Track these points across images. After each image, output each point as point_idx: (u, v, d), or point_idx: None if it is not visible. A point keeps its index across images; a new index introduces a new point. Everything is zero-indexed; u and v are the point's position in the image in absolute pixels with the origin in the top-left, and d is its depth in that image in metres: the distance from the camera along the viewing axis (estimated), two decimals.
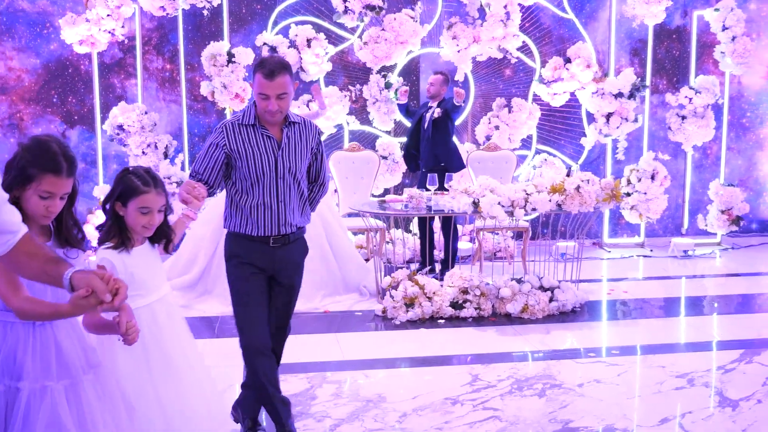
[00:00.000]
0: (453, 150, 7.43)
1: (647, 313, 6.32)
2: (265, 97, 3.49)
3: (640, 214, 8.56)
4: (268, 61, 3.50)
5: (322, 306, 6.38)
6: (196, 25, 8.28)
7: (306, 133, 3.68)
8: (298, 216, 3.70)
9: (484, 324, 5.91)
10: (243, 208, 3.62)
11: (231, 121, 3.63)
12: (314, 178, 3.83)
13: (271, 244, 3.65)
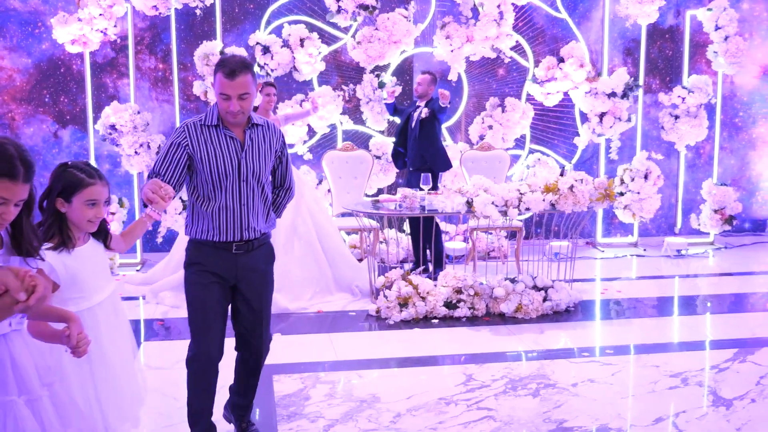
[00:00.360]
0: (439, 150, 7.43)
1: (641, 312, 6.33)
2: (227, 98, 3.37)
3: (633, 214, 8.56)
4: (229, 61, 3.38)
5: (311, 305, 6.38)
6: (189, 24, 8.26)
7: (270, 136, 3.58)
8: (262, 221, 3.58)
9: (477, 324, 5.90)
10: (205, 213, 3.49)
11: (193, 122, 3.49)
12: (279, 182, 3.73)
13: (234, 250, 3.52)
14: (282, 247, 6.45)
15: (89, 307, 2.95)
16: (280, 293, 6.27)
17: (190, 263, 3.56)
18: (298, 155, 8.32)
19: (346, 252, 6.84)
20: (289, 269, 6.42)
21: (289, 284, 6.37)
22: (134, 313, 6.25)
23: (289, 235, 6.52)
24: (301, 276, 6.45)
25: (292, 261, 6.45)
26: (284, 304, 6.23)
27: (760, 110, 9.45)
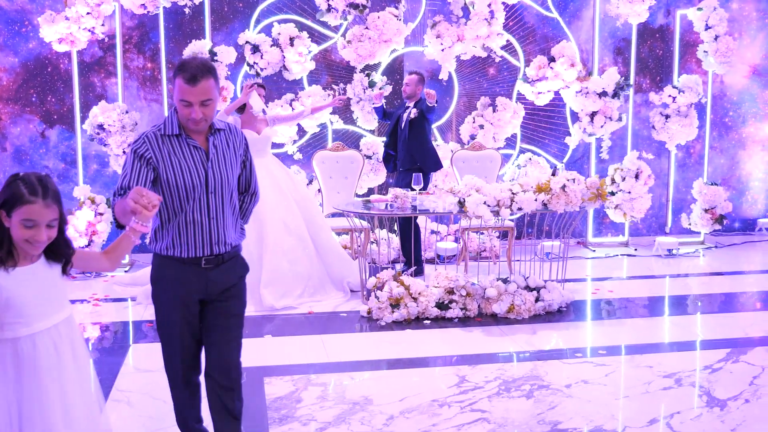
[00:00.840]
0: (429, 150, 7.39)
1: (633, 312, 6.31)
2: (187, 104, 3.11)
3: (624, 213, 8.55)
4: (190, 64, 3.12)
5: (300, 303, 6.36)
6: (178, 23, 8.19)
7: (233, 140, 3.34)
8: (232, 233, 3.36)
9: (470, 324, 5.87)
10: (171, 228, 3.24)
11: (152, 132, 3.22)
12: (244, 188, 3.49)
13: (203, 265, 3.28)
14: (272, 242, 6.41)
15: (29, 335, 2.66)
16: (267, 289, 6.25)
17: (157, 278, 3.35)
18: (288, 155, 8.27)
19: (337, 247, 6.81)
20: (279, 264, 6.39)
21: (278, 279, 6.34)
22: (123, 315, 6.18)
23: (280, 231, 6.48)
24: (291, 271, 6.42)
25: (281, 256, 6.41)
26: (270, 301, 6.20)
27: (750, 110, 9.46)
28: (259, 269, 6.35)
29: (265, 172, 6.71)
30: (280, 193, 6.64)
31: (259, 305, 6.23)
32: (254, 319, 6.01)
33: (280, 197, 6.62)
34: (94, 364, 5.02)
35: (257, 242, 6.44)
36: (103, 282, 7.26)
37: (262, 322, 5.97)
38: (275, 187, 6.65)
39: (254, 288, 6.31)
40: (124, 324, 5.96)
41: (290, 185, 6.79)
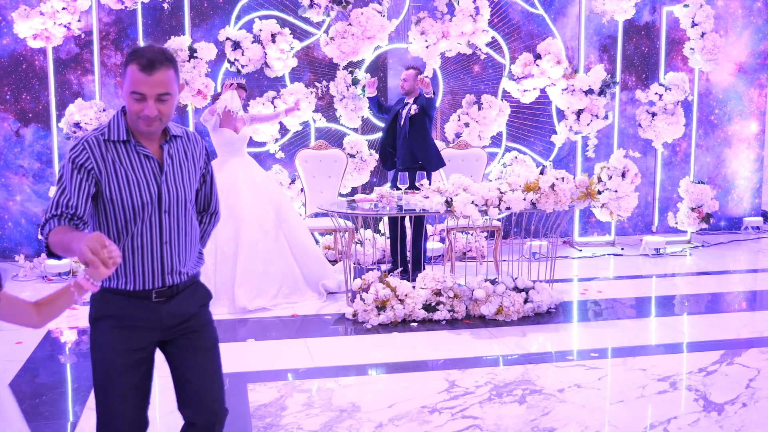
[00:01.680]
0: (431, 147, 7.13)
1: (623, 313, 6.20)
2: (140, 98, 2.55)
3: (611, 212, 8.45)
4: (145, 51, 2.57)
5: (275, 304, 6.21)
6: (156, 19, 8.00)
7: (192, 150, 2.78)
8: (189, 260, 2.77)
9: (458, 327, 5.73)
10: None
11: (94, 137, 2.63)
12: (203, 206, 2.93)
13: (154, 298, 2.68)
14: (247, 242, 6.26)
15: None
16: (242, 288, 6.09)
17: (97, 317, 2.69)
18: (270, 153, 8.10)
19: (313, 248, 6.65)
20: (254, 264, 6.24)
21: (252, 279, 6.19)
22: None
23: (255, 230, 6.33)
24: (265, 272, 6.27)
25: (256, 256, 6.26)
26: (243, 302, 6.05)
27: (736, 108, 9.41)
28: (233, 269, 6.21)
29: (242, 171, 6.56)
30: (256, 193, 6.48)
31: (232, 307, 6.08)
32: (231, 323, 5.85)
33: (256, 197, 6.46)
34: (71, 369, 4.85)
35: (233, 241, 6.30)
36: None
37: (242, 325, 5.81)
38: (252, 186, 6.50)
39: (228, 287, 6.16)
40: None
41: (266, 185, 6.63)
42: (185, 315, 2.76)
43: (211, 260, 6.24)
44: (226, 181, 6.45)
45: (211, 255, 6.25)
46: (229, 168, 6.57)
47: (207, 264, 6.21)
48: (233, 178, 6.51)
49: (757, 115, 9.46)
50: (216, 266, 6.24)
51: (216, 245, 6.28)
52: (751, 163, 9.53)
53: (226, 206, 6.37)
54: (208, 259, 6.22)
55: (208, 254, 6.23)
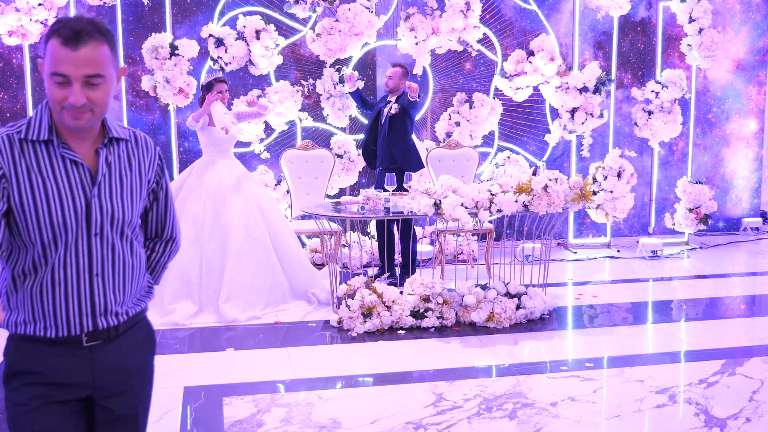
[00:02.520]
0: (410, 149, 6.92)
1: (619, 319, 5.97)
2: (63, 81, 2.00)
3: (606, 214, 8.22)
4: (71, 20, 2.01)
5: (265, 314, 5.93)
6: (138, 15, 7.75)
7: (140, 158, 2.22)
8: (128, 297, 2.21)
9: (447, 334, 5.50)
10: (30, 290, 2.09)
11: (7, 134, 2.08)
12: (155, 231, 2.36)
13: (85, 343, 2.12)
14: (235, 252, 5.99)
15: None
16: (229, 303, 5.82)
17: (11, 373, 2.13)
18: (254, 154, 7.86)
19: (302, 257, 6.40)
20: (241, 277, 5.96)
21: (240, 293, 5.91)
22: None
23: (243, 240, 6.06)
24: (253, 284, 5.99)
25: (244, 267, 5.99)
26: (233, 314, 5.78)
27: (734, 106, 9.18)
28: (219, 282, 5.94)
29: (229, 174, 6.30)
30: (244, 198, 6.23)
31: (219, 317, 5.81)
32: (213, 330, 5.60)
33: (244, 202, 6.21)
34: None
35: (220, 251, 6.02)
36: None
37: (224, 332, 5.56)
38: (239, 190, 6.25)
39: (214, 300, 5.90)
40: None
41: (254, 189, 6.37)
42: (125, 369, 2.20)
43: (196, 271, 5.96)
44: (212, 185, 6.19)
45: (196, 264, 5.97)
46: (216, 170, 6.30)
47: (192, 274, 5.94)
48: (220, 182, 6.24)
49: (756, 113, 9.23)
50: (201, 278, 5.97)
51: (201, 254, 6.01)
52: (750, 163, 9.31)
53: (213, 212, 6.11)
54: (193, 271, 5.95)
55: (193, 263, 5.95)
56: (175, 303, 5.85)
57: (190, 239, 6.02)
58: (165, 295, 5.88)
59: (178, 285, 5.91)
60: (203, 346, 5.27)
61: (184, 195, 6.23)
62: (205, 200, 6.15)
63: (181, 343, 5.32)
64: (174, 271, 5.94)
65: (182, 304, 5.85)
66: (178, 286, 5.91)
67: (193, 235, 6.05)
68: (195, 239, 6.05)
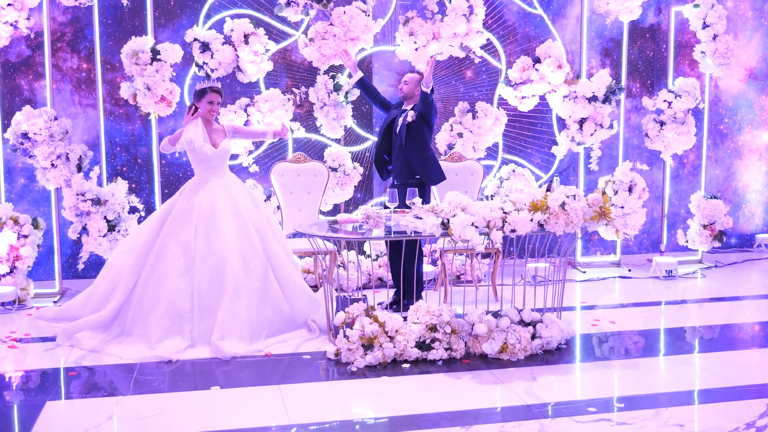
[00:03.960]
0: (430, 159, 6.31)
1: (643, 349, 5.45)
2: None
3: (616, 230, 7.72)
4: None
5: (265, 347, 5.36)
6: (118, 18, 7.22)
7: None
8: None
9: (456, 368, 4.97)
10: None
11: None
12: None
13: None
14: (230, 283, 5.42)
15: None
16: (224, 341, 5.25)
17: None
18: (242, 167, 7.32)
19: (302, 282, 5.85)
20: (238, 311, 5.37)
21: (235, 329, 5.32)
22: (42, 361, 5.17)
23: (239, 268, 5.49)
24: (250, 319, 5.41)
25: (240, 300, 5.42)
26: (232, 349, 5.20)
27: (746, 116, 8.75)
28: (213, 318, 5.37)
29: (223, 195, 5.73)
30: (239, 222, 5.65)
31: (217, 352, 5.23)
32: (199, 365, 5.05)
33: (239, 227, 5.63)
34: None
35: (212, 283, 5.44)
36: (26, 316, 6.25)
37: (209, 367, 5.01)
38: (234, 213, 5.68)
39: (207, 339, 5.32)
40: (41, 373, 4.96)
41: (252, 211, 5.79)
42: None
43: (186, 306, 5.38)
44: (205, 209, 5.63)
45: (186, 299, 5.40)
46: (208, 192, 5.72)
47: (182, 309, 5.36)
48: (213, 204, 5.66)
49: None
50: (193, 313, 5.39)
51: (192, 287, 5.43)
52: (763, 176, 8.87)
53: (205, 238, 5.55)
54: (183, 305, 5.37)
55: (183, 298, 5.39)
56: (164, 341, 5.27)
57: (180, 269, 5.45)
58: (152, 332, 5.31)
59: (167, 321, 5.32)
60: (186, 384, 4.72)
61: (173, 220, 5.65)
62: (196, 225, 5.58)
63: (160, 380, 4.77)
64: (162, 306, 5.36)
65: (173, 340, 5.28)
66: (167, 322, 5.32)
67: (183, 265, 5.48)
68: (185, 269, 5.48)
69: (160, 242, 5.62)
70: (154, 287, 5.49)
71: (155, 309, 5.41)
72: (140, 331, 5.41)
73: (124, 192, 6.91)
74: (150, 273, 5.56)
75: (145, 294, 5.52)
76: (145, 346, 5.26)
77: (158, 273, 5.52)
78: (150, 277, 5.55)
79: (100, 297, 5.69)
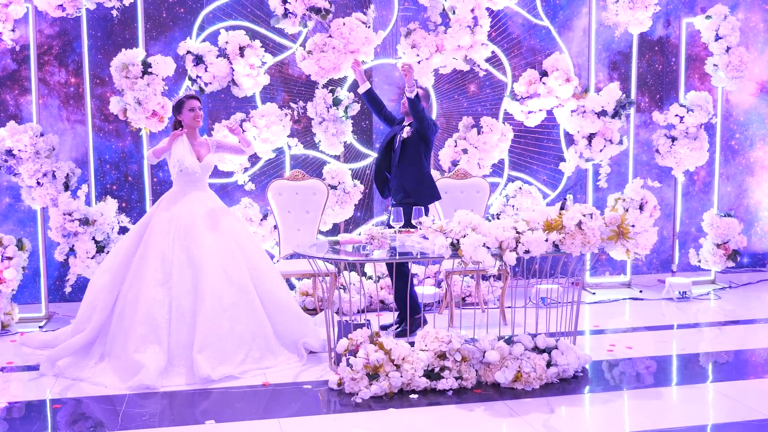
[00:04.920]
0: (423, 178, 6.06)
1: (665, 378, 5.13)
2: None
3: (627, 250, 7.40)
4: None
5: (244, 370, 5.05)
6: (107, 31, 6.94)
7: None
8: None
9: (467, 398, 4.64)
10: None
11: None
12: None
13: None
14: (210, 295, 5.12)
15: None
16: (203, 354, 4.95)
17: None
18: (238, 185, 7.01)
19: (290, 300, 5.54)
20: (217, 323, 5.08)
21: (215, 342, 5.03)
22: (24, 392, 4.82)
23: (220, 281, 5.20)
24: (231, 332, 5.11)
25: (221, 313, 5.12)
26: (206, 371, 4.88)
27: (758, 131, 8.48)
28: (192, 329, 5.07)
29: (202, 207, 5.45)
30: (219, 234, 5.37)
31: (191, 376, 4.93)
32: (188, 396, 4.72)
33: (219, 238, 5.35)
34: None
35: (191, 294, 5.16)
36: (10, 342, 5.91)
37: (200, 399, 4.68)
38: (214, 225, 5.40)
39: (186, 351, 5.02)
40: (25, 405, 4.61)
41: (231, 224, 5.52)
42: None
43: (164, 316, 5.10)
44: (183, 219, 5.36)
45: (164, 309, 5.11)
46: (187, 203, 5.46)
47: (159, 321, 5.07)
48: (192, 215, 5.40)
49: None
50: (170, 324, 5.09)
51: (170, 297, 5.14)
52: None
53: (183, 248, 5.27)
54: (160, 315, 5.08)
55: (160, 308, 5.09)
56: (142, 350, 4.97)
57: (157, 280, 5.17)
58: (130, 342, 5.02)
59: (144, 330, 5.05)
60: (178, 418, 4.38)
61: (151, 230, 5.37)
62: (174, 235, 5.30)
63: (151, 413, 4.43)
64: (140, 315, 5.08)
65: (150, 349, 4.97)
66: (144, 331, 5.04)
67: (161, 276, 5.19)
68: (163, 279, 5.19)
69: (138, 257, 5.35)
70: (133, 300, 5.22)
71: (133, 321, 5.12)
72: (119, 348, 5.10)
73: (114, 211, 6.60)
74: (129, 288, 5.30)
75: (125, 309, 5.24)
76: (126, 371, 4.93)
77: (136, 286, 5.25)
78: (129, 292, 5.28)
79: (79, 319, 5.41)
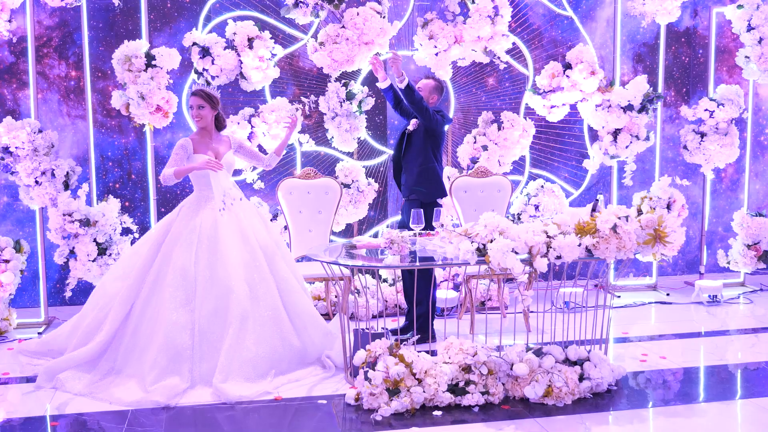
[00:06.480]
0: (427, 172, 5.74)
1: (706, 392, 4.79)
2: None
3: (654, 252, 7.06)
4: None
5: (274, 388, 4.70)
6: (108, 22, 6.61)
7: None
8: None
9: (495, 415, 4.31)
10: None
11: None
12: None
13: None
14: (236, 316, 4.76)
15: None
16: (228, 384, 4.58)
17: None
18: (247, 183, 6.68)
19: (314, 313, 5.19)
20: (243, 348, 4.72)
21: (240, 369, 4.66)
22: (20, 408, 4.51)
23: (246, 298, 4.83)
24: (257, 355, 4.75)
25: (246, 334, 4.76)
26: (237, 392, 4.54)
27: None
28: (216, 354, 4.72)
29: (228, 215, 5.08)
30: (245, 245, 4.99)
31: (217, 396, 4.58)
32: (200, 411, 4.39)
33: (245, 251, 4.97)
34: None
35: (216, 316, 4.79)
36: (7, 350, 5.60)
37: (213, 413, 4.35)
38: (239, 234, 5.01)
39: (209, 377, 4.66)
40: (22, 422, 4.30)
41: (260, 231, 5.14)
42: None
43: (187, 341, 4.69)
44: (206, 231, 4.97)
45: (185, 334, 4.72)
46: (210, 211, 5.07)
47: (181, 346, 4.68)
48: (215, 225, 5.01)
49: None
50: (193, 350, 4.71)
51: (193, 320, 4.75)
52: None
53: (207, 264, 4.87)
54: (182, 338, 4.68)
55: (182, 331, 4.72)
56: (160, 383, 4.59)
57: (179, 300, 4.77)
58: (147, 371, 4.63)
59: (164, 360, 4.63)
60: None
61: (170, 242, 4.96)
62: (197, 249, 4.89)
63: (157, 430, 4.11)
64: (159, 341, 4.68)
65: (169, 381, 4.62)
66: (164, 361, 4.63)
67: (183, 296, 4.79)
68: (185, 300, 4.79)
69: (156, 267, 4.94)
70: (150, 320, 4.82)
71: (150, 344, 4.74)
72: (133, 369, 4.74)
73: (116, 211, 6.28)
74: (145, 303, 4.89)
75: (140, 327, 4.85)
76: (138, 386, 4.61)
77: (154, 304, 4.85)
78: (145, 308, 4.88)
79: (87, 328, 5.02)
